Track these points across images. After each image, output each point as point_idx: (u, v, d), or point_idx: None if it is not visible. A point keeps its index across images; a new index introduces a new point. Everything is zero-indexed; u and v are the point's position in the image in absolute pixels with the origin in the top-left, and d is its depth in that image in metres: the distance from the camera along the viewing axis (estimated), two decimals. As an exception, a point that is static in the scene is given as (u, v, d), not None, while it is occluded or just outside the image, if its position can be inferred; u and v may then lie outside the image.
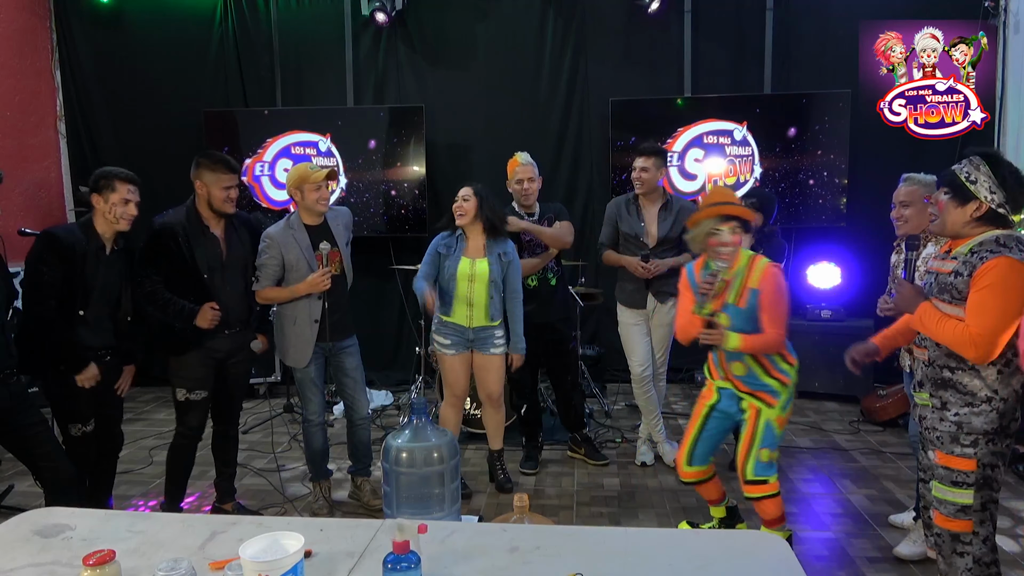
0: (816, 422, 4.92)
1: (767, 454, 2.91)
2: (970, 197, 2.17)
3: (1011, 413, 2.21)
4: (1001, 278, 2.08)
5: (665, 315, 4.05)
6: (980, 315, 2.11)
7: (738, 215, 2.84)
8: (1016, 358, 2.14)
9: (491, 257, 3.57)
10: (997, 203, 2.15)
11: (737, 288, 2.88)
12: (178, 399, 3.27)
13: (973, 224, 2.20)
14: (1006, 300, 2.08)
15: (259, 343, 3.45)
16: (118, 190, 3.00)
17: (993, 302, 2.09)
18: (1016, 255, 2.10)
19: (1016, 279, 2.08)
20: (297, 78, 6.02)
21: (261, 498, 3.83)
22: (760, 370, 2.92)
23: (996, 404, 2.18)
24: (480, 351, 3.67)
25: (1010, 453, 2.29)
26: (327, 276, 3.32)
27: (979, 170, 2.17)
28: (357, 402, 3.61)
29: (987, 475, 2.22)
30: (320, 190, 3.37)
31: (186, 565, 1.39)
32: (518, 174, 3.98)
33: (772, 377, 2.92)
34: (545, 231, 3.97)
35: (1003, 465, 2.27)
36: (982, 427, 2.19)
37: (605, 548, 1.66)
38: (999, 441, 2.22)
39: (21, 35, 5.70)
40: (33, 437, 2.83)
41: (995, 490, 2.25)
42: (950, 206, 2.22)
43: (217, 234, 3.25)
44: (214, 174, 3.18)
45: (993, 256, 2.11)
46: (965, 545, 2.27)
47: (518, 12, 5.83)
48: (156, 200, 3.22)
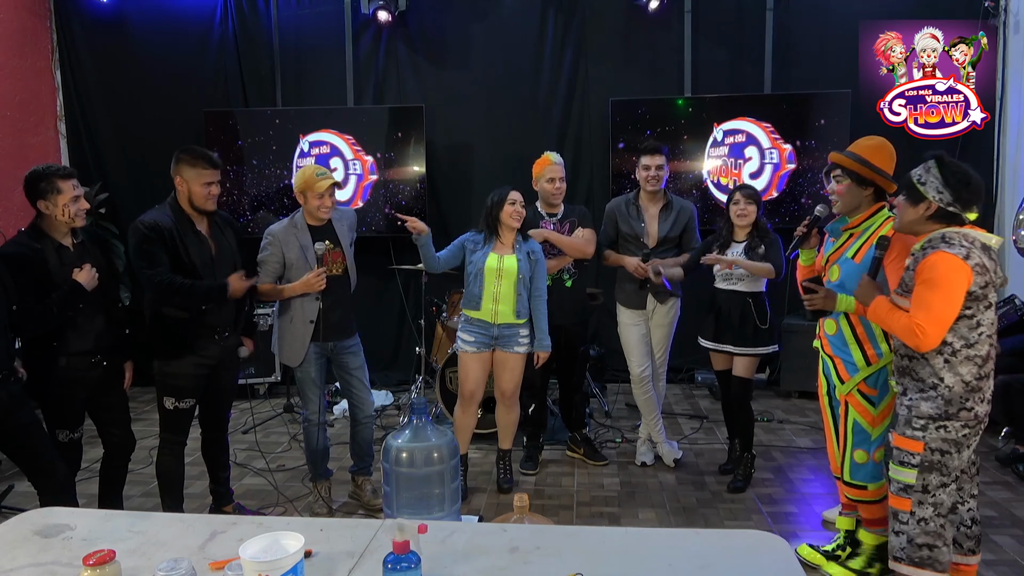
0: (816, 422, 4.92)
1: (863, 456, 2.77)
2: (921, 198, 2.35)
3: (959, 401, 2.33)
4: (938, 272, 2.26)
5: (664, 315, 4.05)
6: (920, 306, 2.29)
7: (848, 166, 2.73)
8: (967, 348, 2.31)
9: (519, 254, 3.60)
10: (946, 202, 2.32)
11: (860, 243, 2.76)
12: (166, 407, 3.16)
13: (926, 222, 2.38)
14: (943, 292, 2.26)
15: (245, 348, 3.41)
16: (64, 190, 2.88)
17: (930, 294, 2.27)
18: (955, 250, 2.26)
19: (952, 273, 2.24)
20: (297, 78, 6.01)
21: (261, 498, 3.83)
22: (851, 334, 2.74)
23: (942, 391, 2.34)
24: (503, 349, 3.68)
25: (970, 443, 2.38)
26: (322, 277, 3.31)
27: (929, 172, 2.35)
28: (362, 400, 3.61)
29: (934, 460, 2.37)
30: (323, 199, 3.35)
31: (186, 565, 1.39)
32: (548, 173, 3.97)
33: (859, 347, 2.73)
34: (566, 242, 3.95)
35: (957, 453, 2.36)
36: (928, 412, 2.36)
37: (605, 548, 1.66)
38: (952, 428, 2.34)
39: (21, 35, 5.70)
40: (28, 438, 2.81)
41: (945, 476, 2.37)
42: (905, 206, 2.41)
43: (203, 232, 3.17)
44: (194, 170, 3.07)
45: (933, 251, 2.29)
46: (902, 524, 2.43)
47: (518, 12, 5.83)
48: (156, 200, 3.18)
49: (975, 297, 2.28)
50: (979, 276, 2.26)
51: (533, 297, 3.67)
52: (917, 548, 2.38)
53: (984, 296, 2.29)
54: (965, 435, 2.35)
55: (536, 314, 3.69)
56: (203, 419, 3.39)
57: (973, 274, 2.25)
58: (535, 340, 3.70)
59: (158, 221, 3.03)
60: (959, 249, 2.26)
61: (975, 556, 2.58)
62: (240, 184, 5.80)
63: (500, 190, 3.66)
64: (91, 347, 2.99)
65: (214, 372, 3.24)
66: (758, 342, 3.71)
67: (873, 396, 2.76)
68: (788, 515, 3.56)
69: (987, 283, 2.28)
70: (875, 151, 2.73)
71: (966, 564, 2.57)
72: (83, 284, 2.88)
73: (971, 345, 2.32)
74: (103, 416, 3.15)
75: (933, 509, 2.37)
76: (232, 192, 5.77)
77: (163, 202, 3.13)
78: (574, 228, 4.02)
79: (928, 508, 2.37)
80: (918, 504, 2.38)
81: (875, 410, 2.76)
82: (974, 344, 2.32)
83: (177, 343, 3.11)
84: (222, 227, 3.27)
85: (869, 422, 2.76)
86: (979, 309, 2.30)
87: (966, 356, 2.32)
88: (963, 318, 2.30)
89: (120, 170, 6.11)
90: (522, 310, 3.63)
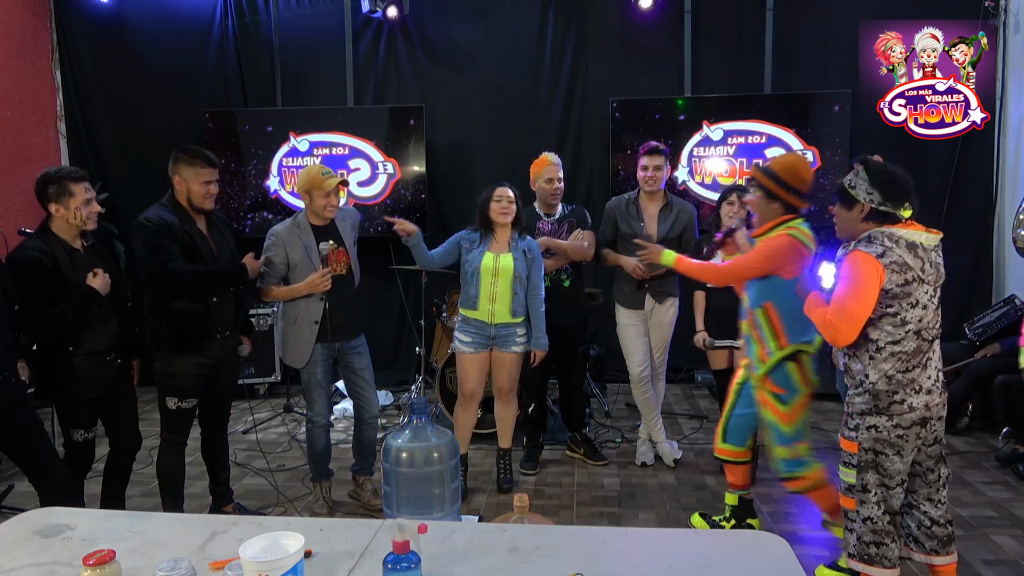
0: (816, 422, 4.92)
1: (785, 452, 2.89)
2: (854, 201, 2.43)
3: (886, 395, 2.38)
4: (849, 270, 2.37)
5: (663, 315, 4.05)
6: (835, 302, 2.39)
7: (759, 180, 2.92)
8: (892, 344, 2.37)
9: (516, 252, 3.59)
10: (877, 202, 2.39)
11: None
12: (169, 407, 3.16)
13: (863, 224, 2.44)
14: (855, 288, 2.34)
15: (244, 347, 3.41)
16: (76, 193, 2.87)
17: (844, 290, 2.37)
18: (871, 248, 2.33)
19: (864, 269, 2.33)
20: (297, 78, 6.02)
21: (261, 498, 3.83)
22: (754, 336, 2.94)
23: (867, 386, 2.42)
24: (500, 349, 3.68)
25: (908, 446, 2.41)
26: (327, 277, 3.31)
27: (858, 175, 2.43)
28: (368, 400, 3.61)
29: (868, 459, 2.44)
30: (329, 197, 3.34)
31: (186, 565, 1.39)
32: (547, 173, 3.97)
33: (756, 341, 2.93)
34: (566, 247, 3.95)
35: (896, 455, 2.41)
36: (860, 407, 2.44)
37: (605, 548, 1.66)
38: (883, 428, 2.39)
39: (21, 35, 5.70)
40: (28, 439, 2.82)
41: (884, 476, 2.43)
42: (841, 212, 2.50)
43: (203, 231, 3.18)
44: (193, 169, 3.07)
45: (852, 251, 2.39)
46: (852, 523, 2.51)
47: (518, 12, 5.83)
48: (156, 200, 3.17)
49: (894, 295, 2.32)
50: (895, 274, 2.31)
51: (530, 295, 3.66)
52: (866, 546, 2.46)
53: (907, 294, 2.32)
54: (900, 436, 2.39)
55: (533, 312, 3.69)
56: (203, 419, 3.39)
57: (886, 271, 2.30)
58: (532, 338, 3.70)
59: (163, 217, 3.04)
60: (876, 247, 2.34)
61: (946, 556, 2.54)
62: (240, 184, 5.80)
63: (489, 187, 3.65)
64: (106, 347, 3.02)
65: (214, 371, 3.24)
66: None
67: (782, 395, 2.88)
68: (788, 515, 3.56)
69: (908, 280, 2.31)
70: (787, 168, 2.88)
71: (941, 564, 2.54)
72: (98, 289, 2.90)
73: (897, 342, 2.36)
74: (112, 414, 3.16)
75: (877, 508, 2.44)
76: (232, 192, 5.77)
77: (159, 201, 3.13)
78: (572, 229, 4.02)
79: (871, 507, 2.45)
80: (861, 503, 2.46)
81: (786, 408, 2.88)
82: (900, 340, 2.36)
83: (182, 341, 3.11)
84: (220, 227, 3.28)
85: (781, 420, 2.88)
86: (902, 307, 2.34)
87: (891, 352, 2.38)
88: (886, 316, 2.36)
89: (120, 170, 6.11)
90: (519, 309, 3.63)
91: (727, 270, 3.00)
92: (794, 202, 2.87)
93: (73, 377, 2.94)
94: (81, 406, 3.00)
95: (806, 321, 2.66)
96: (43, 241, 2.88)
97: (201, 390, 3.23)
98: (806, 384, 2.87)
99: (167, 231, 3.02)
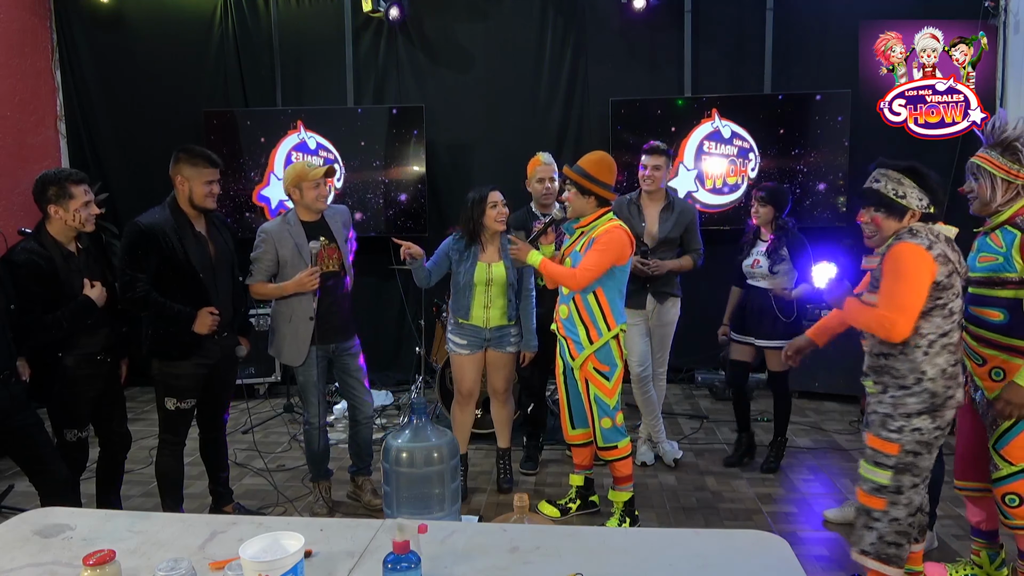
0: (816, 422, 4.92)
1: (608, 422, 3.24)
2: (904, 210, 2.40)
3: (943, 391, 2.36)
4: (902, 263, 2.31)
5: (664, 315, 4.05)
6: (886, 297, 2.34)
7: (572, 178, 3.19)
8: (943, 337, 2.33)
9: (506, 260, 3.59)
10: (926, 206, 2.40)
11: (584, 241, 3.22)
12: (168, 408, 3.16)
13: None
14: (906, 281, 2.30)
15: (243, 348, 3.41)
16: (76, 196, 2.87)
17: (895, 284, 2.32)
18: (918, 240, 2.31)
19: (913, 260, 2.29)
20: (297, 78, 6.01)
21: (261, 498, 3.83)
22: (577, 317, 3.21)
23: (926, 383, 2.35)
24: (495, 349, 3.69)
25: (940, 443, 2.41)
26: (315, 275, 3.30)
27: (902, 184, 2.41)
28: (362, 402, 3.61)
29: (907, 461, 2.39)
30: (319, 187, 3.35)
31: (186, 565, 1.39)
32: (539, 173, 3.96)
33: (584, 327, 3.18)
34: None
35: (928, 453, 2.39)
36: (914, 407, 2.36)
37: (605, 548, 1.66)
38: (926, 431, 2.36)
39: (21, 35, 5.69)
40: (29, 438, 2.82)
41: (917, 476, 2.41)
42: (889, 223, 2.44)
43: (202, 232, 3.16)
44: (195, 168, 3.05)
45: (898, 242, 2.35)
46: (875, 521, 2.45)
47: (518, 12, 5.83)
48: (156, 200, 3.17)
49: (943, 287, 2.32)
50: (943, 266, 2.31)
51: (521, 299, 3.68)
52: (887, 545, 2.44)
53: (951, 285, 2.34)
54: (936, 436, 2.38)
55: (523, 314, 3.69)
56: (201, 419, 3.39)
57: (937, 264, 2.30)
58: (523, 339, 3.70)
59: (154, 224, 3.01)
60: (923, 240, 2.32)
61: (921, 543, 2.64)
62: (240, 184, 5.80)
63: (478, 190, 3.58)
64: (98, 348, 3.03)
65: (212, 372, 3.24)
66: (784, 335, 3.73)
67: (606, 371, 3.21)
68: (788, 515, 3.56)
69: (951, 272, 2.33)
70: (595, 165, 3.18)
71: (915, 551, 2.61)
72: (95, 301, 2.92)
73: (946, 334, 2.36)
74: (104, 413, 3.17)
75: (905, 509, 2.42)
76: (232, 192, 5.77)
77: (162, 203, 3.12)
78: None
79: (901, 508, 2.42)
80: (891, 504, 2.42)
81: (609, 383, 3.22)
82: (948, 332, 2.36)
83: (183, 341, 3.10)
84: (219, 227, 3.28)
85: (606, 394, 3.22)
86: (949, 297, 2.34)
87: (942, 345, 2.35)
88: (937, 308, 2.34)
89: (120, 170, 6.11)
90: (512, 312, 3.66)
91: (583, 275, 3.11)
92: (605, 195, 3.18)
93: (67, 376, 2.95)
94: (73, 406, 3.01)
95: (622, 303, 3.20)
96: (39, 243, 2.88)
97: (199, 390, 3.23)
98: (621, 359, 3.25)
99: (150, 241, 2.97)
